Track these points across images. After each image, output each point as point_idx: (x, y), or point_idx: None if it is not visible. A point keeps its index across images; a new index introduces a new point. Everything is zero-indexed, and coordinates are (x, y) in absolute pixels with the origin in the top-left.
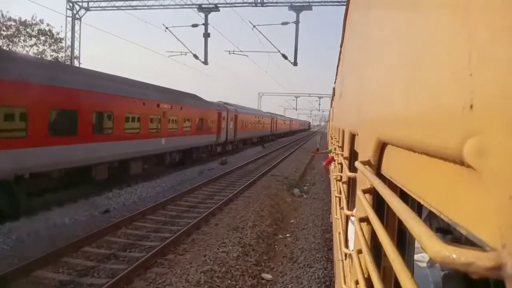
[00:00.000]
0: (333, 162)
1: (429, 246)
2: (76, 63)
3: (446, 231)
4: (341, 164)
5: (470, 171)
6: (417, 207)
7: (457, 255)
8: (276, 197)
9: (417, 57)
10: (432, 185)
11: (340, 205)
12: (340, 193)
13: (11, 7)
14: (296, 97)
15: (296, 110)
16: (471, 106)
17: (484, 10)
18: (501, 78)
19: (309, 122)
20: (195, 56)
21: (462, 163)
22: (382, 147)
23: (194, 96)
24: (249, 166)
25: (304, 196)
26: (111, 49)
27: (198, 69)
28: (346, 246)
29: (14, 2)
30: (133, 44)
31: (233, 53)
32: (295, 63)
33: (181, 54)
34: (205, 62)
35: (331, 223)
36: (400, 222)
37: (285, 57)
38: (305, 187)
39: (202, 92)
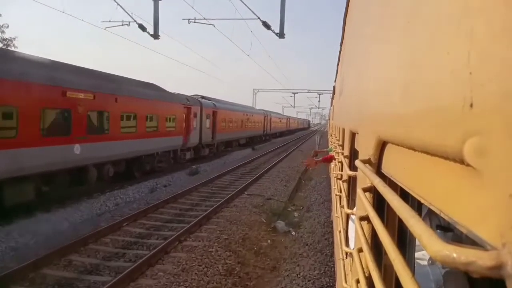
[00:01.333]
0: (333, 160)
1: (429, 245)
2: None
3: (447, 229)
4: (341, 162)
5: (470, 170)
6: (417, 206)
7: (457, 254)
8: (243, 244)
9: (417, 55)
10: (432, 184)
11: (340, 203)
12: (341, 192)
13: None
14: (294, 93)
15: (294, 107)
16: (471, 105)
17: (484, 8)
18: (501, 77)
19: (309, 121)
20: (141, 27)
21: (462, 162)
22: (382, 145)
23: (146, 85)
24: (224, 178)
25: (293, 233)
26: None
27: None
28: (347, 244)
29: None
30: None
31: (195, 22)
32: (281, 35)
33: (122, 25)
34: (155, 36)
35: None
36: (400, 221)
37: (267, 26)
38: (295, 215)
39: (201, 92)
